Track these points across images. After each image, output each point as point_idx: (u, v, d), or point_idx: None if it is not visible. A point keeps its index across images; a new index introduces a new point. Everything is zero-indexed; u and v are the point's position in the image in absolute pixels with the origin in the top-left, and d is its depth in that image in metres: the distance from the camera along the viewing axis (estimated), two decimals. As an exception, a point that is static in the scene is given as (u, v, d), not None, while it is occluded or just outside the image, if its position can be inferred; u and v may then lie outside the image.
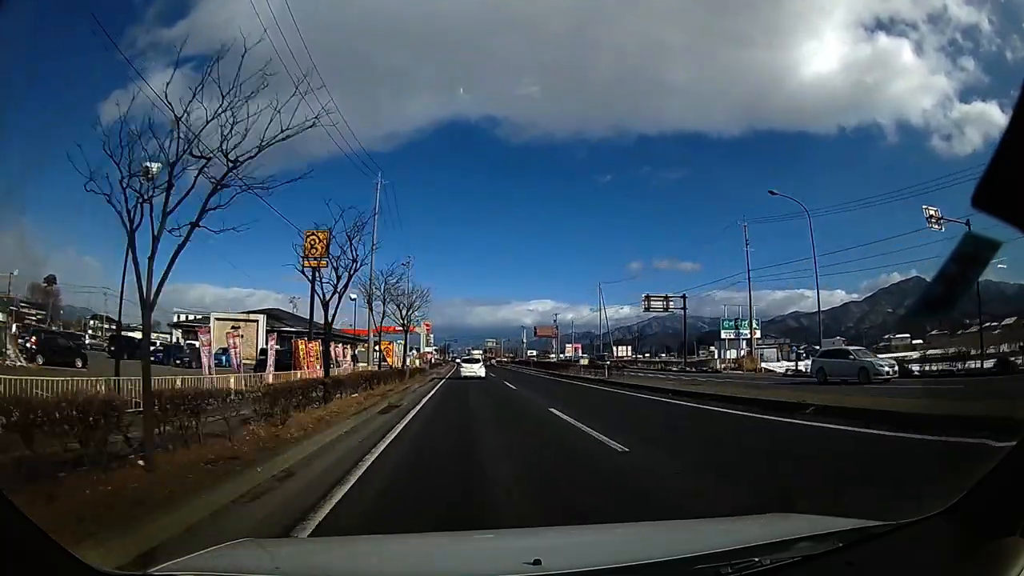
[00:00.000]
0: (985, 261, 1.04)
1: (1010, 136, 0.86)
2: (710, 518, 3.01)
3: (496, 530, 3.24)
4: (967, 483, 1.35)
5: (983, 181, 0.88)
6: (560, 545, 1.97)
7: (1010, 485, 1.29)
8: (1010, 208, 0.90)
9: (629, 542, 2.02)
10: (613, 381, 25.98)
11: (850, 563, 1.42)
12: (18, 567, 1.14)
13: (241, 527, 3.63)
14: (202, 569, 1.48)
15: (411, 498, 4.78)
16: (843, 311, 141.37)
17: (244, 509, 4.04)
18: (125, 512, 3.37)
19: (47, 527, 1.22)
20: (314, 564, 1.82)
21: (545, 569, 1.35)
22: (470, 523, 3.82)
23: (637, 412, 12.66)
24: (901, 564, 1.45)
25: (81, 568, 1.25)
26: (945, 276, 1.06)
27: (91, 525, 2.97)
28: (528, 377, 35.17)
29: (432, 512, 4.13)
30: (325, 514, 3.94)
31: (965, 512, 1.34)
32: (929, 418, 7.68)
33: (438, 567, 1.81)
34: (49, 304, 32.86)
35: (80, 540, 2.57)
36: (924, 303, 1.14)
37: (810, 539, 1.57)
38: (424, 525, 3.41)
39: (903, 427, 7.11)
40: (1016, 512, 1.21)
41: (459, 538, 2.38)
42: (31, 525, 1.22)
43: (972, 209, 0.90)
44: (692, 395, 14.79)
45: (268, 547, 2.19)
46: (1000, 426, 4.09)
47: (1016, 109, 0.85)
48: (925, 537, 1.41)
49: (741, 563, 1.34)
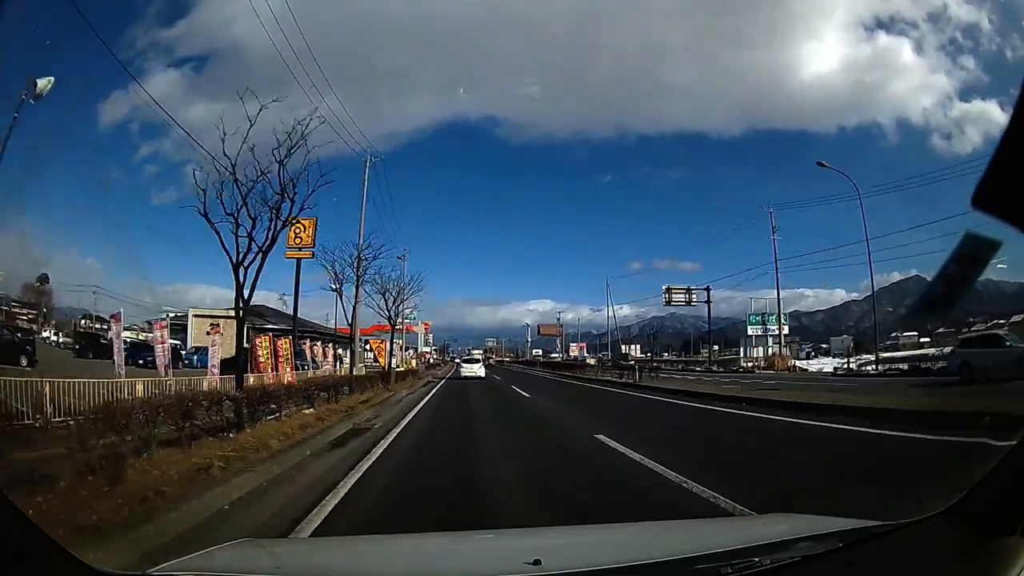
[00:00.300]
0: (985, 261, 1.04)
1: (1010, 136, 0.86)
2: (710, 518, 3.01)
3: (496, 530, 3.24)
4: (967, 483, 1.35)
5: (983, 181, 0.88)
6: (560, 545, 1.97)
7: (1010, 485, 1.29)
8: (1010, 208, 0.90)
9: (629, 542, 2.02)
10: (647, 385, 19.93)
11: (850, 563, 1.42)
12: (18, 567, 1.14)
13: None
14: (202, 569, 1.49)
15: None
16: (843, 310, 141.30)
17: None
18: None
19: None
20: (314, 564, 1.82)
21: (545, 569, 1.35)
22: None
23: (764, 446, 7.11)
24: (901, 564, 1.45)
25: (81, 568, 1.25)
26: (945, 276, 1.06)
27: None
28: (539, 380, 29.61)
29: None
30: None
31: (965, 512, 1.34)
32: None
33: (438, 567, 1.81)
34: (41, 303, 32.31)
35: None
36: (924, 303, 1.14)
37: (810, 539, 1.57)
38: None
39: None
40: (1017, 512, 1.20)
41: (459, 538, 2.38)
42: (31, 525, 1.22)
43: (972, 209, 0.90)
44: (796, 407, 9.95)
45: (268, 547, 2.19)
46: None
47: (1016, 109, 0.85)
48: (925, 537, 1.41)
49: (741, 563, 1.34)
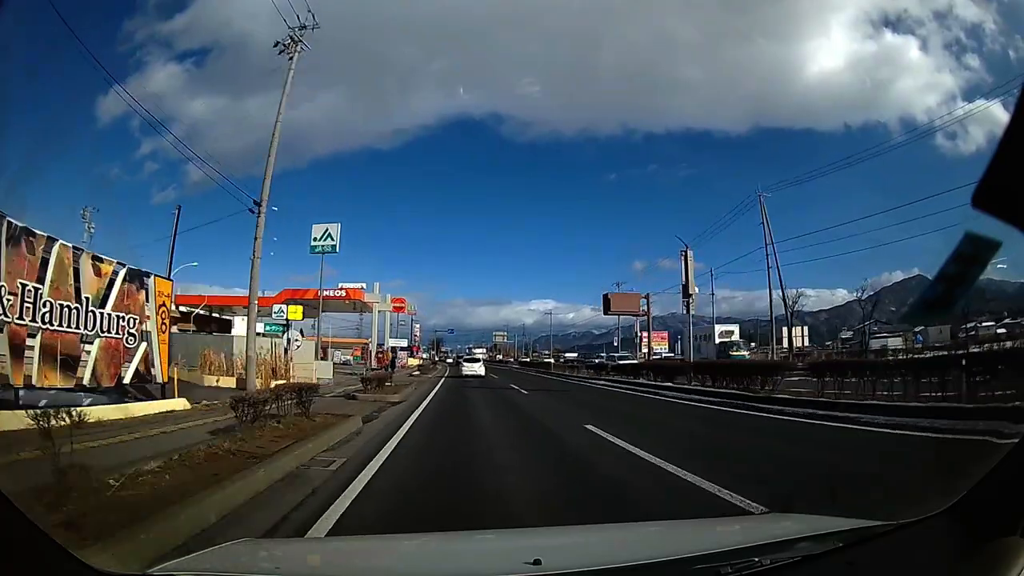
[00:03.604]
0: (985, 261, 1.04)
1: (1010, 136, 0.86)
2: (710, 518, 3.01)
3: (496, 530, 3.24)
4: (967, 482, 1.35)
5: (983, 181, 0.88)
6: (560, 545, 1.97)
7: (1011, 484, 1.28)
8: (1010, 208, 0.90)
9: (629, 542, 2.02)
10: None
11: (850, 563, 1.42)
12: (18, 568, 1.14)
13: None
14: (202, 569, 1.49)
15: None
16: (846, 310, 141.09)
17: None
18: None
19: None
20: (314, 564, 1.83)
21: (545, 569, 1.35)
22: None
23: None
24: (901, 564, 1.45)
25: (81, 568, 1.25)
26: (945, 276, 1.06)
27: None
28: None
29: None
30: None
31: (965, 512, 1.34)
32: None
33: (438, 567, 1.81)
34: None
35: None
36: (924, 303, 1.14)
37: (810, 539, 1.57)
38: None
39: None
40: (1018, 511, 1.20)
41: (459, 538, 2.38)
42: (31, 525, 1.22)
43: (972, 209, 0.90)
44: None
45: (268, 547, 2.20)
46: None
47: (1016, 109, 0.84)
48: (925, 537, 1.41)
49: (741, 563, 1.34)
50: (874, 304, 45.22)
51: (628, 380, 25.49)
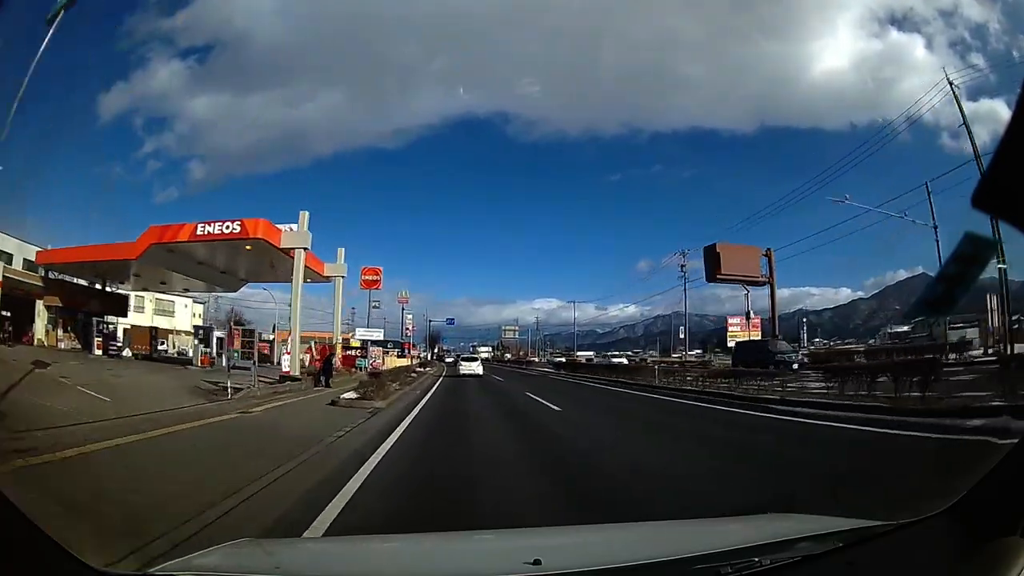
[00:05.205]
0: (985, 261, 1.04)
1: (1010, 136, 0.86)
2: (710, 518, 3.01)
3: (496, 530, 3.24)
4: (967, 482, 1.35)
5: (983, 181, 0.88)
6: (560, 545, 1.97)
7: (1011, 484, 1.28)
8: (1010, 208, 0.89)
9: (629, 542, 2.01)
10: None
11: (850, 563, 1.42)
12: (18, 568, 1.14)
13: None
14: (202, 569, 1.49)
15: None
16: (851, 308, 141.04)
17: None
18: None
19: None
20: (314, 564, 1.83)
21: (545, 569, 1.35)
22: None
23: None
24: (901, 564, 1.45)
25: (81, 568, 1.26)
26: (945, 276, 1.06)
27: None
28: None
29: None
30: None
31: (965, 512, 1.34)
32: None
33: (438, 567, 1.81)
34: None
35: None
36: (924, 302, 1.13)
37: (810, 539, 1.57)
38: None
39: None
40: (1017, 511, 1.20)
41: (459, 538, 2.38)
42: (31, 525, 1.22)
43: (972, 209, 0.90)
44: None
45: (268, 547, 2.20)
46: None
47: (1016, 109, 0.84)
48: (925, 537, 1.41)
49: (741, 563, 1.34)
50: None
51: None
